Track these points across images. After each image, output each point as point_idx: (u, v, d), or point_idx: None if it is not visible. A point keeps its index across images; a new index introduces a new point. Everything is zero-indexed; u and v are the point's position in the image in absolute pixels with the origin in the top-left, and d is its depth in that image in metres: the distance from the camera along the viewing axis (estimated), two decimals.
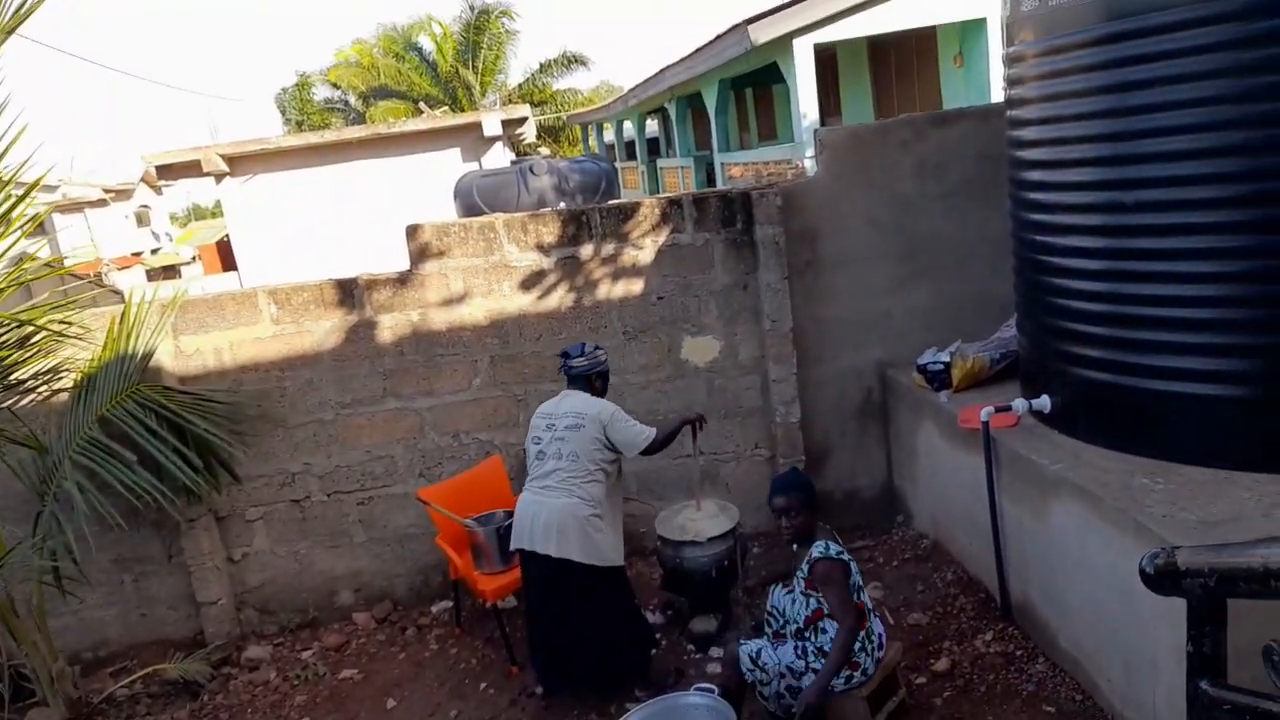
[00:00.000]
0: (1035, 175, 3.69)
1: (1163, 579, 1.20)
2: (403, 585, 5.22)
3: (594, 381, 4.08)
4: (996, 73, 4.27)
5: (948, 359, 4.42)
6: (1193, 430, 3.22)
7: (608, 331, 5.11)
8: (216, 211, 34.14)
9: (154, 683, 4.66)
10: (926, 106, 11.69)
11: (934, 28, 10.88)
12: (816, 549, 3.28)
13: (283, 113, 31.08)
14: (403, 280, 5.00)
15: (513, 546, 3.94)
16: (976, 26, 10.42)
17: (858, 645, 3.23)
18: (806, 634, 3.31)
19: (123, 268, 23.86)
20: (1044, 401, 3.75)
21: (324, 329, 4.97)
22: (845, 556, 3.29)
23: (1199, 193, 3.13)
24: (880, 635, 3.39)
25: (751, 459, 5.22)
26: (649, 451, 3.93)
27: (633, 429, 3.88)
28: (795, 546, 3.40)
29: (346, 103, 30.23)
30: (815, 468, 5.18)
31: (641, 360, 5.14)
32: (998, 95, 4.49)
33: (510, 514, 4.60)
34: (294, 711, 4.33)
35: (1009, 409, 3.81)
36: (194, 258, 26.20)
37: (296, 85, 30.50)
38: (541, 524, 3.76)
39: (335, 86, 29.81)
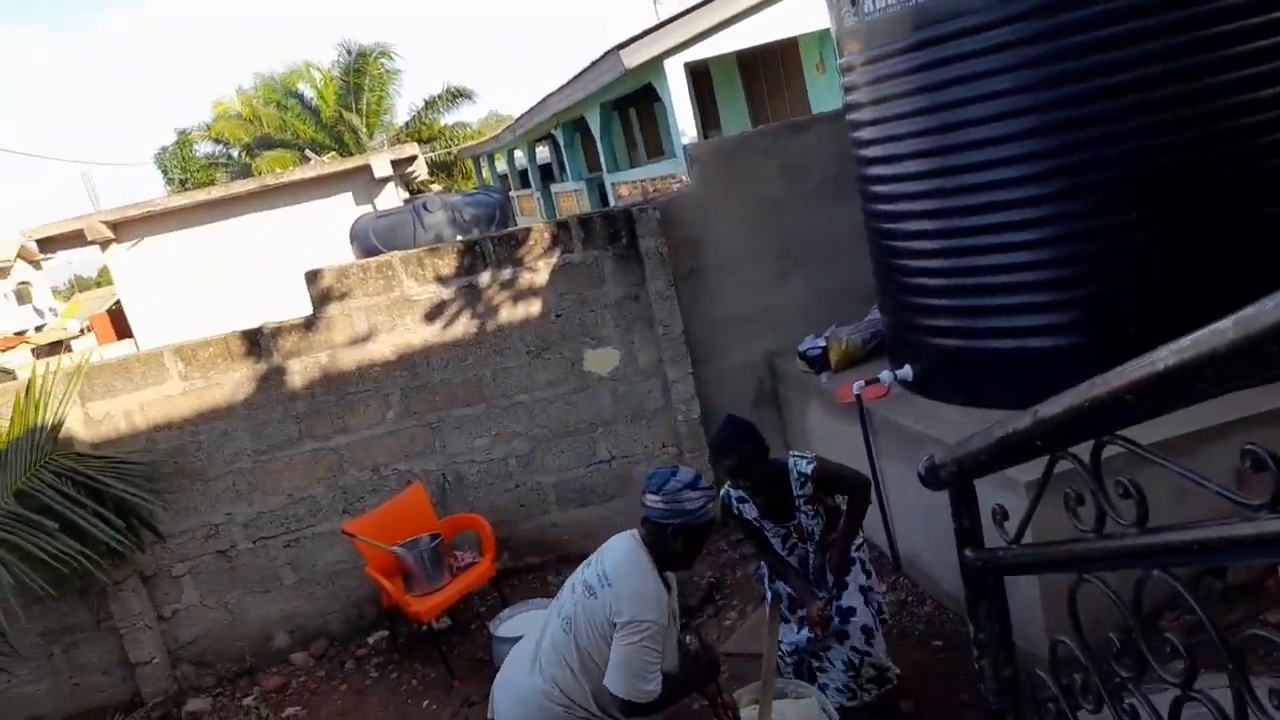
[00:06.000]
0: (875, 170, 4.13)
1: (931, 477, 1.54)
2: (337, 621, 5.34)
3: (667, 538, 2.63)
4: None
5: (824, 344, 4.83)
6: (1029, 380, 3.64)
7: (512, 352, 5.37)
8: (103, 279, 32.93)
9: None
10: (797, 112, 12.32)
11: (795, 38, 11.51)
12: (796, 467, 3.16)
13: (164, 172, 30.33)
14: (308, 325, 5.16)
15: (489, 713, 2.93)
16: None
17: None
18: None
19: (5, 348, 22.86)
20: (907, 371, 4.17)
21: (234, 380, 5.09)
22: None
23: (1009, 172, 3.59)
24: None
25: (660, 458, 5.53)
26: (635, 712, 2.56)
27: (637, 663, 2.49)
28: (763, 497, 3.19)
29: (230, 156, 29.70)
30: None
31: (548, 376, 5.41)
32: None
33: (435, 537, 4.83)
34: None
35: (878, 381, 4.22)
36: (83, 329, 25.26)
37: (177, 143, 29.82)
38: (501, 714, 2.79)
39: (217, 140, 29.27)
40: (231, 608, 5.24)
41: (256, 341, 5.09)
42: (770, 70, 13.52)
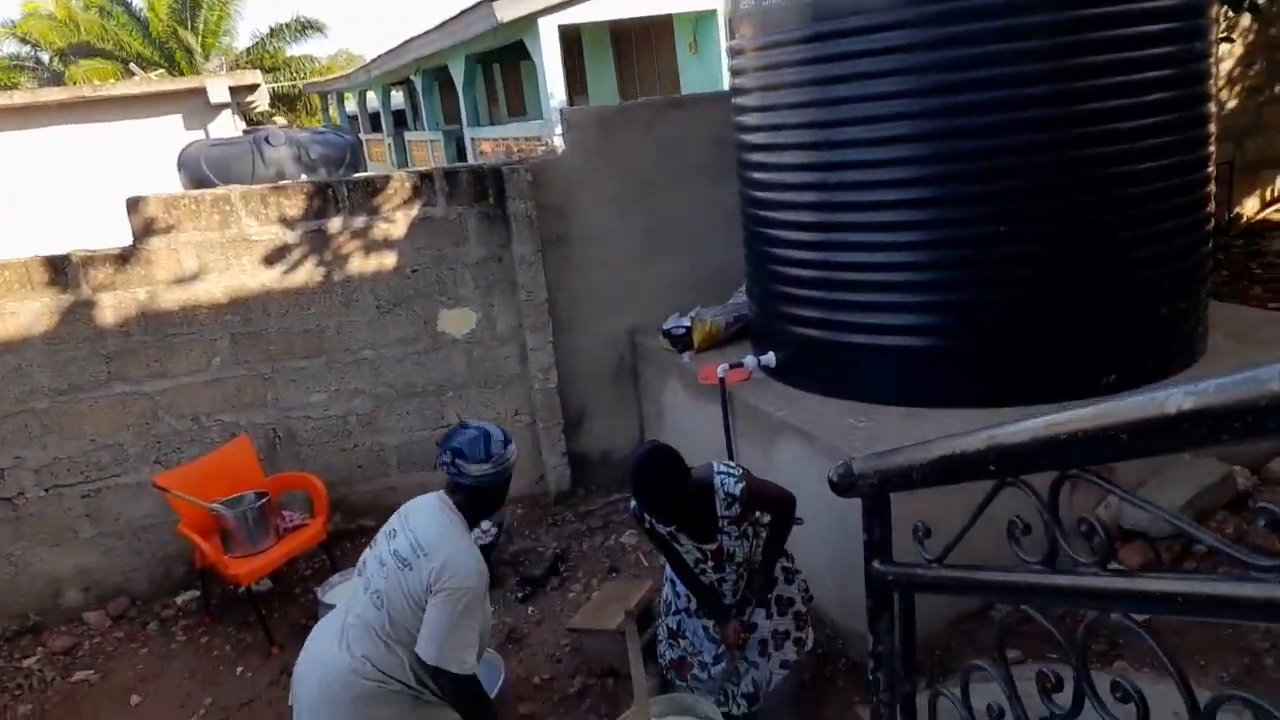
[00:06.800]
0: (756, 156, 4.11)
1: (844, 484, 1.50)
2: (141, 579, 4.87)
3: (493, 496, 2.63)
4: (726, 60, 4.69)
5: (689, 323, 4.81)
6: (888, 376, 3.78)
7: (360, 306, 5.04)
8: None
9: None
10: (665, 89, 12.31)
11: (670, 15, 11.46)
12: (724, 487, 2.90)
13: None
14: (125, 257, 4.64)
15: (290, 699, 2.68)
16: (708, 16, 11.11)
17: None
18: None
19: None
20: (770, 357, 4.21)
21: (32, 310, 4.51)
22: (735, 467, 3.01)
23: (890, 174, 3.65)
24: None
25: (513, 425, 5.36)
26: (455, 694, 2.45)
27: (453, 630, 2.37)
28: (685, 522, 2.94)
29: (39, 60, 26.61)
30: (574, 430, 5.44)
31: (398, 333, 5.12)
32: (728, 81, 4.91)
33: (261, 496, 4.48)
34: None
35: (741, 365, 4.24)
36: None
37: None
38: (309, 688, 2.53)
39: (25, 41, 26.11)
40: (15, 561, 4.67)
41: (63, 270, 4.53)
42: (642, 45, 13.43)
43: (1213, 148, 3.86)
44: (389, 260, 5.05)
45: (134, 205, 4.63)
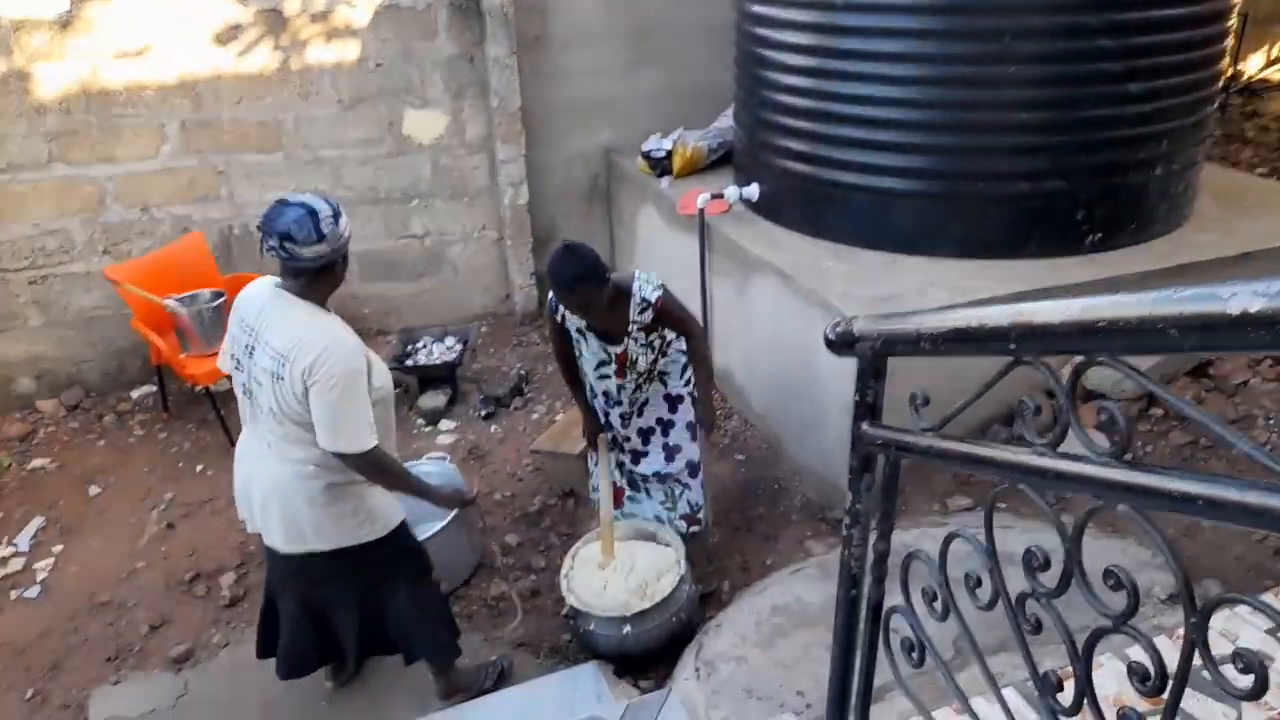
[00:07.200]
0: None
1: (841, 343, 1.44)
2: (94, 371, 4.79)
3: (336, 274, 2.42)
4: None
5: (669, 146, 4.59)
6: (871, 219, 3.67)
7: (320, 100, 4.72)
8: None
9: None
10: None
11: None
12: (641, 292, 2.91)
13: None
14: (63, 24, 4.24)
15: (240, 514, 2.72)
16: None
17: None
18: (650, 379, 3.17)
19: None
20: (753, 190, 4.05)
21: None
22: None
23: None
24: None
25: (479, 240, 5.21)
26: (365, 470, 2.46)
27: (342, 413, 2.33)
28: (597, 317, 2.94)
29: None
30: (542, 250, 5.28)
31: (361, 133, 4.84)
32: None
33: (218, 295, 4.34)
34: None
35: (722, 196, 4.08)
36: None
37: None
38: (258, 501, 2.56)
39: None
40: None
41: None
42: None
43: None
44: (351, 51, 4.69)
45: None
